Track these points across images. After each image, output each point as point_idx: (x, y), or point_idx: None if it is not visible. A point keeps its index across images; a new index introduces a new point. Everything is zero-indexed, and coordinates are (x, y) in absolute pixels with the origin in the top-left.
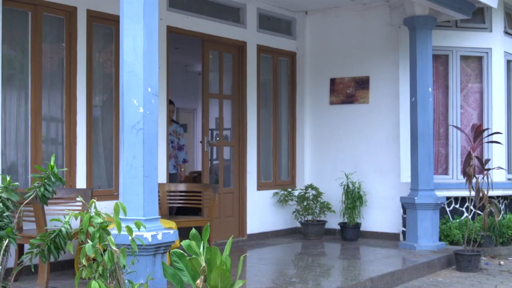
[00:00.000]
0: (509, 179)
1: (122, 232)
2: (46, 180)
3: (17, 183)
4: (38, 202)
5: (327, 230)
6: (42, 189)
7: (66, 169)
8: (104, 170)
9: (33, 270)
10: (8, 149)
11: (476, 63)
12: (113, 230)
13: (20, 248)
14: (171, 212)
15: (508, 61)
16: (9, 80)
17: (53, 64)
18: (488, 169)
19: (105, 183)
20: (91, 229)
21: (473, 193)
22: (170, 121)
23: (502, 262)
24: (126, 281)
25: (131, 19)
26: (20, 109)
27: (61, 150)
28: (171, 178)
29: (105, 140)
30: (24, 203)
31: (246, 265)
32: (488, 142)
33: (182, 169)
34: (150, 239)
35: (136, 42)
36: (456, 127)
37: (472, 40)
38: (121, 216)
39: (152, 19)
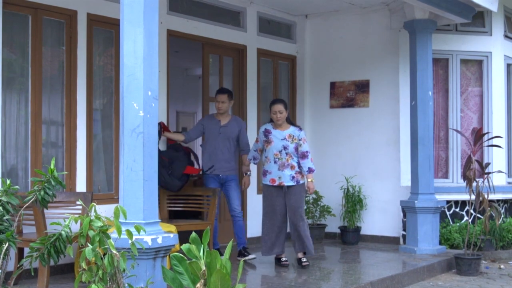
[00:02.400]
0: (509, 183)
1: (122, 236)
2: (46, 184)
3: (17, 186)
4: (38, 205)
5: (327, 234)
6: (42, 192)
7: (66, 172)
8: (104, 174)
9: (32, 273)
10: (8, 152)
11: (476, 66)
12: (113, 234)
13: (20, 252)
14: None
15: (508, 65)
16: (9, 84)
17: (53, 68)
18: (488, 173)
19: (105, 186)
20: (91, 233)
21: (473, 197)
22: (282, 123)
23: (502, 266)
24: (126, 284)
25: (132, 22)
26: (20, 112)
27: (61, 154)
28: (289, 190)
29: (105, 144)
30: (24, 206)
31: (246, 268)
32: (488, 146)
33: (310, 180)
34: (150, 243)
35: (136, 46)
36: (457, 130)
37: (472, 44)
38: (121, 219)
39: (152, 22)
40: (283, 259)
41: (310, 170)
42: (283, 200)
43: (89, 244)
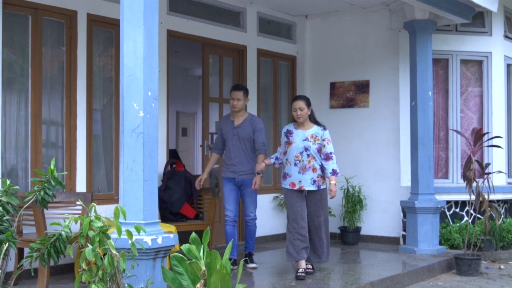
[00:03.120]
0: (509, 183)
1: (122, 236)
2: (46, 184)
3: (17, 187)
4: (38, 206)
5: None
6: (42, 193)
7: (66, 173)
8: (104, 174)
9: (32, 274)
10: (8, 152)
11: (476, 67)
12: (113, 234)
13: (20, 252)
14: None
15: (508, 65)
16: (9, 84)
17: (53, 68)
18: (488, 173)
19: (105, 187)
20: (91, 233)
21: (473, 197)
22: (304, 122)
23: (502, 266)
24: (126, 285)
25: (131, 23)
26: (20, 112)
27: (61, 154)
28: (310, 196)
29: (105, 144)
30: (24, 207)
31: (246, 269)
32: (488, 146)
33: (333, 182)
34: (150, 243)
35: (136, 46)
36: (456, 131)
37: (472, 44)
38: (121, 220)
39: (152, 23)
40: (300, 270)
41: (334, 172)
42: (304, 204)
43: (89, 245)
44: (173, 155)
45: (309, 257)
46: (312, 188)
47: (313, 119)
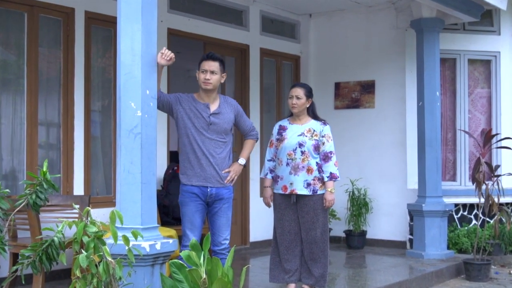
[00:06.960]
0: None
1: (118, 242)
2: (38, 187)
3: (7, 190)
4: (30, 210)
5: (332, 238)
6: (33, 196)
7: (59, 175)
8: (102, 176)
9: (23, 282)
10: (4, 154)
11: (484, 66)
12: (109, 240)
13: (15, 257)
14: None
15: None
16: (4, 84)
17: (50, 67)
18: (498, 175)
19: (103, 189)
20: (85, 239)
21: (482, 200)
22: (300, 115)
23: None
24: None
25: (129, 18)
26: (16, 113)
27: (58, 156)
28: (302, 202)
29: (103, 145)
30: (15, 211)
31: (249, 274)
32: (498, 147)
33: (329, 189)
34: (148, 249)
35: (134, 43)
36: (466, 132)
37: (480, 43)
38: (118, 224)
39: (150, 18)
40: None
41: (332, 177)
42: (295, 214)
43: (83, 251)
44: (174, 157)
45: (306, 279)
46: (305, 192)
47: (311, 114)
